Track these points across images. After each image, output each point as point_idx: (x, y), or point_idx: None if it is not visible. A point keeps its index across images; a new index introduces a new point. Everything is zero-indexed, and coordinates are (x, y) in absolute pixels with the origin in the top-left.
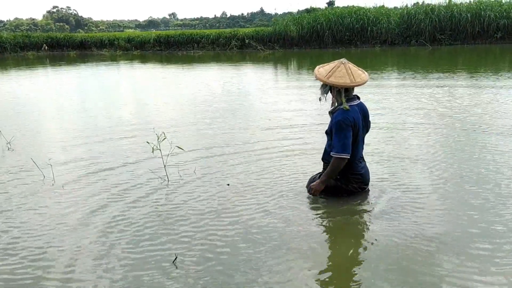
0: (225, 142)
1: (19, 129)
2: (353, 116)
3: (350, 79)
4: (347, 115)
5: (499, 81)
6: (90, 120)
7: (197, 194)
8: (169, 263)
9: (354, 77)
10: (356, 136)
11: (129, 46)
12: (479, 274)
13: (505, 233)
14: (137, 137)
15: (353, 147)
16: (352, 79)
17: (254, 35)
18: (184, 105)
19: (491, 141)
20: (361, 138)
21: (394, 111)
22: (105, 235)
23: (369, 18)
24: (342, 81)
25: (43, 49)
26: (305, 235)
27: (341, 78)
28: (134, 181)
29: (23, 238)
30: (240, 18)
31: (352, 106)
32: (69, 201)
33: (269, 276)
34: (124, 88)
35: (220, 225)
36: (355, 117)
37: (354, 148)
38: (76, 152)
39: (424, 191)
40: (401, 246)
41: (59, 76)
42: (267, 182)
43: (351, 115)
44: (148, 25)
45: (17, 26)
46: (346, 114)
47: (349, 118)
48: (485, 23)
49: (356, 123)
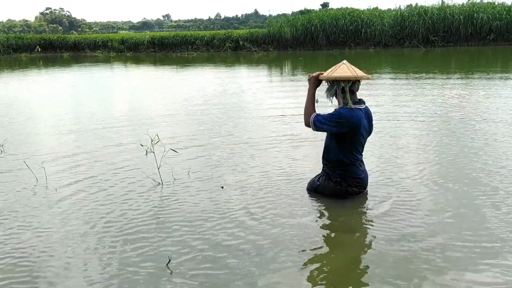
0: (220, 144)
1: (12, 132)
2: (355, 118)
3: (352, 73)
4: (352, 115)
5: (492, 81)
6: (83, 122)
7: (190, 197)
8: (163, 265)
9: (356, 72)
10: (354, 139)
11: (123, 47)
12: (480, 278)
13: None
14: (130, 140)
15: (351, 150)
16: (354, 73)
17: (248, 36)
18: (178, 106)
19: (492, 142)
20: (360, 141)
21: (390, 113)
22: (98, 238)
23: (363, 20)
24: (344, 74)
25: (36, 50)
26: (304, 237)
27: (344, 72)
28: (128, 184)
29: (14, 241)
30: (234, 19)
31: (358, 109)
32: (62, 204)
33: (264, 279)
34: (118, 90)
35: (215, 228)
36: (357, 120)
37: (352, 151)
38: (69, 155)
39: (423, 193)
40: (400, 249)
41: (52, 78)
42: (263, 184)
43: (353, 118)
44: (142, 26)
45: (10, 28)
46: (351, 113)
47: (352, 118)
48: (478, 25)
49: (355, 126)
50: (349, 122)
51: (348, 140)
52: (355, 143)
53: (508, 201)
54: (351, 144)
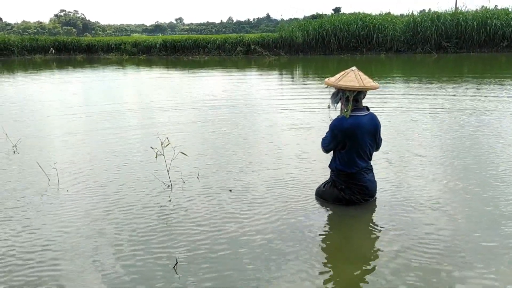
0: (230, 147)
1: (25, 132)
2: (349, 126)
3: (359, 83)
4: (342, 123)
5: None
6: (95, 123)
7: (199, 200)
8: (169, 267)
9: (363, 82)
10: (353, 147)
11: (136, 50)
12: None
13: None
14: (141, 142)
15: (352, 158)
16: (361, 83)
17: (260, 40)
18: (188, 110)
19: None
20: (362, 149)
21: (399, 121)
22: (106, 239)
23: (375, 25)
24: (351, 84)
25: (50, 52)
26: (308, 244)
27: (350, 82)
28: (137, 185)
29: (26, 240)
30: (246, 23)
31: (357, 116)
32: (73, 205)
33: (270, 284)
34: (130, 92)
35: (222, 231)
36: (350, 127)
37: (354, 159)
38: (81, 155)
39: (431, 203)
40: (406, 260)
41: (66, 79)
42: (271, 189)
43: (346, 125)
44: (154, 29)
45: (24, 29)
46: (341, 122)
47: (342, 127)
48: (491, 31)
49: (353, 133)
50: (341, 131)
51: (348, 148)
52: (356, 151)
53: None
54: (351, 153)
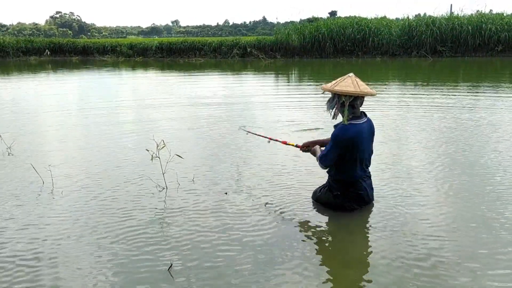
0: (225, 150)
1: (19, 134)
2: (353, 134)
3: (355, 88)
4: (346, 132)
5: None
6: (89, 126)
7: (194, 202)
8: (164, 270)
9: (359, 88)
10: (353, 156)
11: (131, 52)
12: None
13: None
14: (136, 144)
15: (352, 167)
16: (358, 88)
17: (256, 43)
18: (184, 112)
19: (500, 153)
20: (361, 157)
21: (394, 125)
22: (101, 242)
23: (371, 28)
24: (346, 89)
25: (46, 54)
26: (305, 247)
27: (346, 87)
28: (132, 188)
29: (19, 243)
30: (242, 26)
31: (357, 124)
32: (67, 207)
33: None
34: (125, 94)
35: (217, 234)
36: (355, 136)
37: (354, 168)
38: (76, 158)
39: (428, 207)
40: (403, 264)
41: (60, 81)
42: (266, 192)
43: (350, 134)
44: (150, 31)
45: (19, 31)
46: (345, 131)
47: (347, 136)
48: (486, 36)
49: (355, 142)
50: (344, 140)
51: (348, 158)
52: (356, 160)
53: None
54: (351, 163)
